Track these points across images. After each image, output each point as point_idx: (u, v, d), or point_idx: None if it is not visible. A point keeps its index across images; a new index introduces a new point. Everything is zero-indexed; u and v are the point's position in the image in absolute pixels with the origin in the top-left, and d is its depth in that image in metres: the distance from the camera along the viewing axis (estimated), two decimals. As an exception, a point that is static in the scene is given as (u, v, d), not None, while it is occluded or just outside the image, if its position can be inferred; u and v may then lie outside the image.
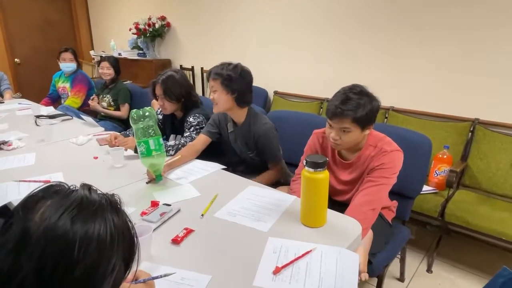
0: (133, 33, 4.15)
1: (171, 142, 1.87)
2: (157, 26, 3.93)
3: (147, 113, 1.47)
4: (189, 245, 1.08)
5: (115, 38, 4.66)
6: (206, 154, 1.83)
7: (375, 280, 1.59)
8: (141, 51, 4.21)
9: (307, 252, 1.00)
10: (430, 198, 2.01)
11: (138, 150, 1.46)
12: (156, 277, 0.82)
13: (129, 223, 0.62)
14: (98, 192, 0.61)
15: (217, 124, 1.87)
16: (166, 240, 1.09)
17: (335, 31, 2.82)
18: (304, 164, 1.10)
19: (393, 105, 2.56)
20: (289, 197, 1.37)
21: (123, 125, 3.05)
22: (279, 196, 1.38)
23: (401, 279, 1.92)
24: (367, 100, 1.34)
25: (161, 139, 1.50)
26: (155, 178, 1.50)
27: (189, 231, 1.13)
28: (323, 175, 1.09)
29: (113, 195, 0.63)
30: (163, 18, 3.99)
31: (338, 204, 1.55)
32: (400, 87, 2.55)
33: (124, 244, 0.59)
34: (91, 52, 4.93)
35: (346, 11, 2.73)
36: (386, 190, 1.42)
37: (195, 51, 3.91)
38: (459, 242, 2.24)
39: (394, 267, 1.94)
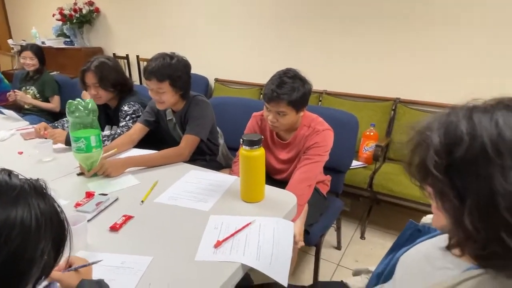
0: (57, 19, 3.82)
1: (106, 132, 1.80)
2: (84, 11, 3.66)
3: (89, 106, 1.40)
4: (128, 231, 1.07)
5: (37, 25, 4.24)
6: (145, 143, 1.80)
7: (314, 249, 1.72)
8: (68, 39, 3.90)
9: (247, 225, 1.06)
10: (360, 171, 2.20)
11: (75, 145, 1.38)
12: (85, 265, 0.80)
13: (57, 207, 0.61)
14: (20, 177, 0.59)
15: (155, 112, 1.83)
16: (104, 228, 1.07)
17: (271, 20, 2.90)
18: (241, 142, 1.15)
19: (326, 88, 2.72)
20: (230, 177, 1.41)
21: (52, 119, 2.83)
22: (220, 177, 1.41)
23: (338, 247, 2.09)
24: (300, 83, 1.43)
25: (101, 134, 1.44)
26: (88, 171, 1.43)
27: (128, 218, 1.12)
28: (259, 152, 1.15)
29: (37, 180, 0.61)
30: (90, 3, 3.73)
31: (277, 182, 1.63)
32: (332, 72, 2.72)
33: (52, 229, 0.58)
34: (9, 41, 4.44)
35: (282, 0, 2.81)
36: (320, 166, 1.53)
37: (129, 38, 3.73)
38: (387, 211, 2.49)
39: (331, 237, 2.11)
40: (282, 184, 1.54)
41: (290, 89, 1.39)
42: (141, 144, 1.78)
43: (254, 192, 1.21)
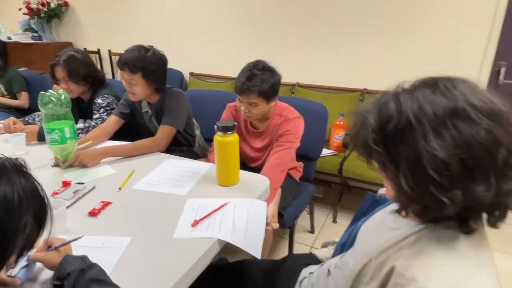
0: (24, 14, 3.69)
1: (80, 125, 1.79)
2: (52, 5, 3.56)
3: (62, 97, 1.40)
4: (107, 215, 1.11)
5: (2, 20, 4.08)
6: (120, 135, 1.81)
7: (288, 234, 1.81)
8: (35, 34, 3.78)
9: (222, 206, 1.12)
10: (331, 159, 2.32)
11: (49, 137, 1.38)
12: (66, 243, 0.84)
13: (37, 185, 0.65)
14: (1, 155, 0.63)
15: (130, 104, 1.85)
16: (83, 214, 1.10)
17: (246, 14, 2.95)
18: (215, 129, 1.21)
19: (298, 81, 2.82)
20: (206, 164, 1.47)
21: (21, 115, 2.76)
22: (196, 165, 1.47)
23: (312, 231, 2.20)
24: (270, 74, 1.50)
25: (75, 126, 1.45)
26: (63, 162, 1.44)
27: (106, 204, 1.15)
28: (233, 138, 1.21)
29: (16, 158, 0.65)
30: (59, -3, 3.64)
31: (253, 170, 1.70)
32: (303, 65, 2.81)
33: (34, 204, 0.62)
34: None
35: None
36: (292, 152, 1.62)
37: (100, 32, 3.67)
38: (357, 196, 2.63)
39: (305, 222, 2.21)
40: (257, 171, 1.61)
41: (260, 81, 1.46)
42: (116, 136, 1.79)
43: (229, 175, 1.27)
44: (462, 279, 0.55)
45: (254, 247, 0.99)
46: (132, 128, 2.03)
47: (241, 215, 1.09)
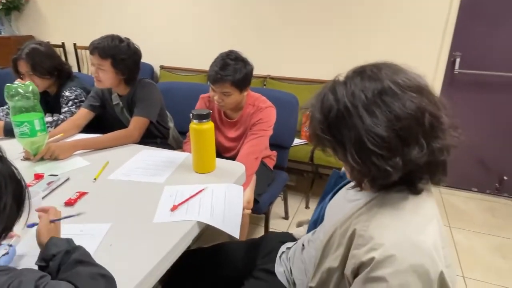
0: (-22, 5, 3.48)
1: (49, 119, 1.75)
2: (10, -4, 3.39)
3: (30, 88, 1.36)
4: (84, 205, 1.11)
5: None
6: (91, 128, 1.78)
7: (263, 220, 1.87)
8: (-8, 27, 3.58)
9: (200, 191, 1.15)
10: (303, 148, 2.40)
11: (18, 130, 1.34)
12: (64, 218, 0.89)
13: (14, 168, 0.67)
14: None
15: (100, 96, 1.82)
16: (59, 204, 1.09)
17: (215, 7, 2.95)
18: (191, 117, 1.23)
19: (270, 73, 2.88)
20: (182, 154, 1.49)
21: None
22: (172, 154, 1.48)
23: (286, 217, 2.28)
24: (242, 64, 1.53)
25: (44, 118, 1.42)
26: (33, 156, 1.41)
27: (82, 194, 1.15)
28: (208, 125, 1.24)
29: None
30: (17, -12, 3.46)
31: (228, 159, 1.74)
32: (275, 58, 2.87)
33: (12, 186, 0.64)
34: None
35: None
36: (265, 141, 1.67)
37: (64, 25, 3.53)
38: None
39: (280, 209, 2.28)
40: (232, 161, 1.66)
41: (233, 70, 1.49)
42: (87, 129, 1.77)
43: (205, 163, 1.30)
44: (412, 234, 0.63)
45: (232, 227, 1.04)
46: (103, 121, 2.00)
47: (219, 198, 1.12)
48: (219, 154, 1.77)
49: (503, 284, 1.78)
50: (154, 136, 1.90)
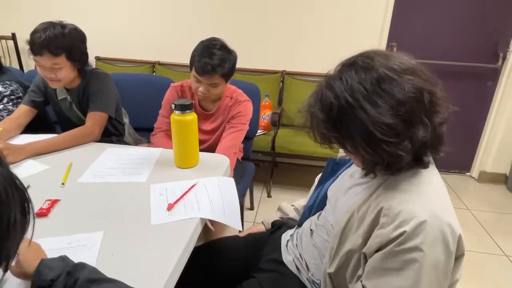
0: None
1: (-20, 119, 1.47)
2: None
3: None
4: (60, 214, 0.96)
5: None
6: (33, 128, 1.54)
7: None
8: None
9: (192, 186, 1.09)
10: (262, 138, 2.42)
11: None
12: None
13: (13, 173, 0.55)
14: None
15: (43, 91, 1.58)
16: (28, 216, 0.92)
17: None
18: (173, 108, 1.14)
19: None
20: (156, 149, 1.38)
21: None
22: (144, 151, 1.37)
23: (251, 207, 2.28)
24: (229, 54, 1.46)
25: None
26: None
27: (54, 201, 1.00)
28: (192, 117, 1.17)
29: None
30: None
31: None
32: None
33: (18, 194, 0.52)
34: None
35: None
36: (243, 134, 1.62)
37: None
38: (285, 171, 2.81)
39: (244, 200, 2.27)
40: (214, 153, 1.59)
41: (222, 61, 1.42)
42: (26, 130, 1.52)
43: (189, 157, 1.23)
44: (433, 204, 0.68)
45: (234, 220, 1.00)
46: (45, 119, 1.76)
47: (214, 192, 1.07)
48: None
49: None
50: (109, 134, 1.72)
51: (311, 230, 0.98)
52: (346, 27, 2.60)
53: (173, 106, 1.14)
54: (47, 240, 0.84)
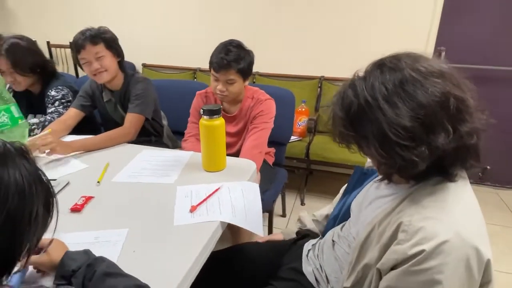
0: None
1: (35, 120, 1.62)
2: (-28, -10, 3.12)
3: None
4: (92, 210, 1.03)
5: None
6: (80, 129, 1.67)
7: (266, 216, 1.84)
8: (-49, 23, 3.28)
9: (216, 190, 1.10)
10: (296, 144, 2.39)
11: None
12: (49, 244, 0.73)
13: (39, 168, 0.59)
14: None
15: (90, 95, 1.71)
16: (64, 211, 1.00)
17: (197, 3, 2.87)
18: (201, 113, 1.18)
19: (258, 70, 2.84)
20: (186, 153, 1.42)
21: None
22: (176, 153, 1.42)
23: (283, 214, 2.26)
24: (245, 52, 1.51)
25: (28, 119, 1.31)
26: None
27: (88, 198, 1.07)
28: (219, 122, 1.19)
29: (14, 142, 0.58)
30: (-21, -19, 3.20)
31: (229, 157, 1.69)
32: (262, 54, 2.81)
33: (42, 189, 0.57)
34: None
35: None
36: (267, 133, 1.63)
37: (36, 23, 3.31)
38: (320, 179, 2.75)
39: (276, 206, 2.26)
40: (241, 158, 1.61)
41: (237, 57, 1.46)
42: (74, 131, 1.65)
43: (217, 161, 1.25)
44: (459, 225, 0.62)
45: (256, 225, 1.00)
46: (92, 121, 1.90)
47: (237, 196, 1.08)
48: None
49: (495, 268, 1.86)
50: (149, 134, 1.82)
51: (333, 241, 0.94)
52: (389, 31, 2.50)
53: (201, 111, 1.17)
54: (78, 234, 0.90)
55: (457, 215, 0.64)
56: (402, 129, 0.62)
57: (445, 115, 0.62)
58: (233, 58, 1.44)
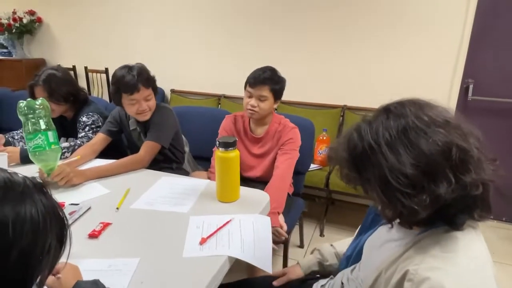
0: (-8, 29, 3.54)
1: (66, 144, 1.73)
2: (25, 21, 3.44)
3: (40, 104, 1.38)
4: (109, 237, 1.07)
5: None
6: (106, 154, 1.76)
7: (281, 250, 1.81)
8: (5, 50, 3.61)
9: (227, 222, 1.12)
10: (317, 173, 2.37)
11: (32, 144, 1.34)
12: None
13: (56, 202, 0.63)
14: (19, 174, 0.61)
15: (118, 121, 1.81)
16: (82, 236, 1.05)
17: (226, 32, 3.00)
18: (217, 145, 1.21)
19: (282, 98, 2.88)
20: (203, 181, 1.46)
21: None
22: (193, 181, 1.45)
23: (301, 245, 2.21)
24: (279, 76, 1.64)
25: (60, 143, 1.41)
26: (48, 176, 1.38)
27: (106, 224, 1.11)
28: (234, 154, 1.22)
29: (34, 177, 0.63)
30: (32, 13, 3.52)
31: (247, 180, 1.72)
32: (287, 82, 2.88)
33: (56, 223, 0.60)
34: None
35: (233, 10, 2.94)
36: (295, 161, 1.68)
37: (75, 49, 3.58)
38: (341, 210, 2.69)
39: (294, 236, 2.22)
40: (253, 182, 1.64)
41: (273, 75, 1.61)
42: (101, 155, 1.74)
43: (230, 192, 1.27)
44: (468, 280, 0.60)
45: (264, 262, 1.00)
46: (118, 146, 1.98)
47: (248, 230, 1.09)
48: (240, 174, 1.75)
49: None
50: (170, 161, 1.87)
51: (342, 283, 0.92)
52: (415, 62, 2.48)
53: (217, 143, 1.21)
54: (93, 261, 0.94)
55: (465, 268, 0.62)
56: (403, 176, 0.62)
57: (447, 165, 0.62)
58: (269, 76, 1.57)
